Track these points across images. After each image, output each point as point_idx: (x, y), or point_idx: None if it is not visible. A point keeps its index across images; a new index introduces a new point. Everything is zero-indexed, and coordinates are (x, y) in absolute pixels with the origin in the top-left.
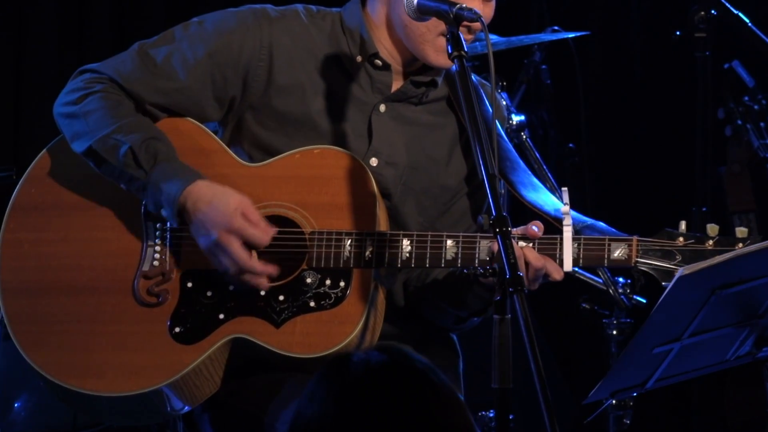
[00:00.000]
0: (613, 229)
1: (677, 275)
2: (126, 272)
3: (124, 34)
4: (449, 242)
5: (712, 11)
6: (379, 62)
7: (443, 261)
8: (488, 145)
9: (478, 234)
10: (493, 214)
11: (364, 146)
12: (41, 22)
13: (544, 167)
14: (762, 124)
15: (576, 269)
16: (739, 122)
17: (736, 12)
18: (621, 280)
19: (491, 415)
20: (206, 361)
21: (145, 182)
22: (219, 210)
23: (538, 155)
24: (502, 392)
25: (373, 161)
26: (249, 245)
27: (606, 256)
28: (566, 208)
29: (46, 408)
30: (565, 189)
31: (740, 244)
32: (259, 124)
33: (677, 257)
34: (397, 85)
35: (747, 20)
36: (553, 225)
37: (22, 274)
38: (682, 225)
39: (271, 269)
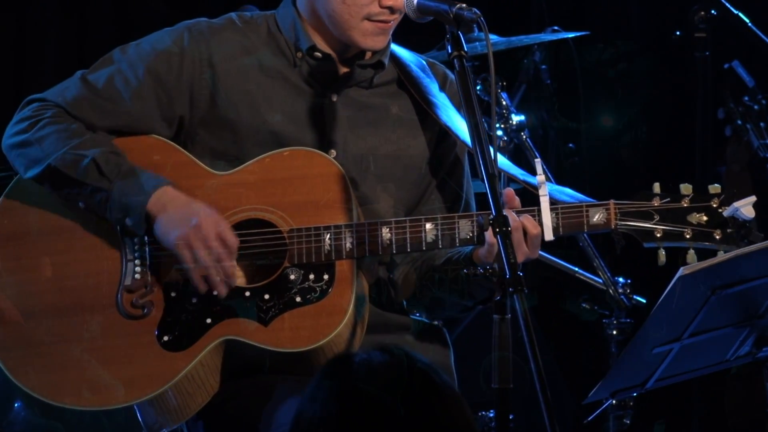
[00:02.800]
0: (580, 195)
1: (677, 275)
2: (108, 289)
3: (124, 34)
4: (428, 225)
5: (712, 11)
6: (318, 54)
7: (424, 244)
8: (488, 145)
9: (456, 214)
10: (493, 213)
11: (321, 139)
12: (42, 21)
13: (544, 167)
14: (762, 124)
15: (576, 269)
16: (739, 122)
17: (736, 12)
18: (621, 280)
19: (491, 415)
20: (198, 367)
21: (110, 191)
22: (200, 205)
23: (538, 155)
24: (502, 392)
25: (332, 152)
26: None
27: (585, 222)
28: (541, 178)
29: None
30: (538, 160)
31: (715, 200)
32: (214, 137)
33: (655, 217)
34: (343, 72)
35: (747, 20)
36: (526, 189)
37: (2, 303)
38: (656, 187)
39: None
